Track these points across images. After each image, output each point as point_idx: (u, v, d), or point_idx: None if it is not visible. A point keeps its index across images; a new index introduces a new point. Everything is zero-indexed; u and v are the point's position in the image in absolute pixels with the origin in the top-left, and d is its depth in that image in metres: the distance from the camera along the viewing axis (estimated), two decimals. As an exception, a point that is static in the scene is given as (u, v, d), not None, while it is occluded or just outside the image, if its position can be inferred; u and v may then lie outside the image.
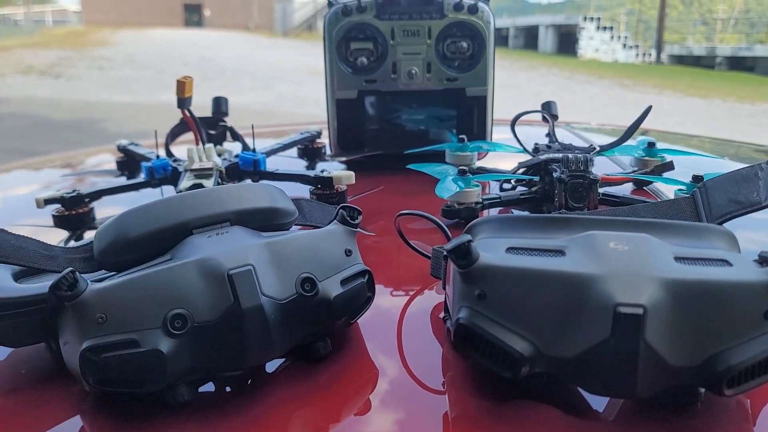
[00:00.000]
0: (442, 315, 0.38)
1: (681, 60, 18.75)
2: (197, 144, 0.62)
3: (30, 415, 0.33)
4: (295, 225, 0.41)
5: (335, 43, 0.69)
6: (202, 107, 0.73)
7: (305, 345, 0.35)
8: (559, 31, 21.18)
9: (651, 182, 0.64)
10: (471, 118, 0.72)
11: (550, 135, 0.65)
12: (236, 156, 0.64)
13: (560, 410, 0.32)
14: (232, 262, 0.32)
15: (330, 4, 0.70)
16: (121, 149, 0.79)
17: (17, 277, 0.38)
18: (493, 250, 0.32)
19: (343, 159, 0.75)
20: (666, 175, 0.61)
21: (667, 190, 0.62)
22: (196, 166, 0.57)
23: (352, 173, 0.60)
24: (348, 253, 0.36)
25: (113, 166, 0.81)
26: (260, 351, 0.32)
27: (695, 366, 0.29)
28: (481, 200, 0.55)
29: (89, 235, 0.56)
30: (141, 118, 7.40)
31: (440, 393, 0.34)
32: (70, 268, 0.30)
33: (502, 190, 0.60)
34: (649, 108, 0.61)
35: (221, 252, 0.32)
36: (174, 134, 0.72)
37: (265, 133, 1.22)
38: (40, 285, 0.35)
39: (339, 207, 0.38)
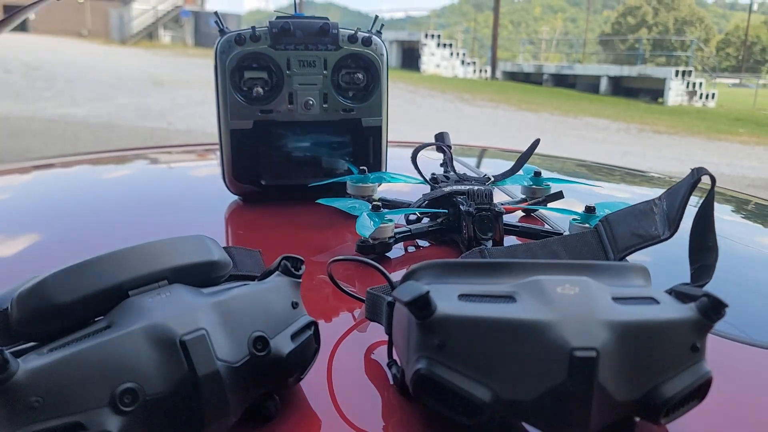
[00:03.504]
0: (387, 362, 0.38)
1: (513, 76, 20.28)
2: None
3: None
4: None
5: (228, 72, 0.67)
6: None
7: (254, 405, 0.34)
8: (402, 47, 22.01)
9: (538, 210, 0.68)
10: (367, 148, 0.73)
11: (446, 165, 0.67)
12: None
13: None
14: (184, 326, 0.30)
15: (221, 32, 0.67)
16: None
17: None
18: (444, 297, 0.33)
19: (238, 191, 0.72)
20: (558, 204, 0.66)
21: (553, 217, 0.67)
22: None
23: None
24: (294, 305, 0.35)
25: None
26: (217, 419, 0.30)
27: (636, 399, 0.32)
28: (394, 234, 0.56)
29: None
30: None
31: None
32: None
33: (408, 222, 0.61)
34: (537, 141, 0.66)
35: (170, 316, 0.30)
36: None
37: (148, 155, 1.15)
38: None
39: (281, 258, 0.36)
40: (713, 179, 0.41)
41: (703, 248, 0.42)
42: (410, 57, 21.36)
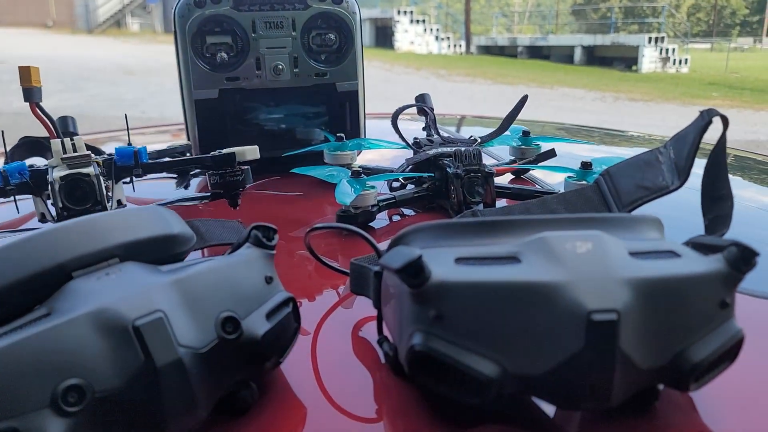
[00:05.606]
0: (377, 339, 0.34)
1: (488, 50, 20.17)
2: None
3: None
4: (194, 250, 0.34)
5: (189, 37, 0.61)
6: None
7: (228, 396, 0.30)
8: (375, 25, 21.77)
9: (530, 170, 0.64)
10: (343, 114, 0.68)
11: (429, 128, 0.63)
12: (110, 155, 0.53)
13: (517, 428, 0.30)
14: (136, 310, 0.25)
15: (179, -6, 0.62)
16: None
17: None
18: (439, 262, 0.29)
19: None
20: (550, 162, 0.62)
21: (545, 177, 0.63)
22: (68, 156, 0.47)
23: (257, 147, 0.52)
24: (268, 280, 0.31)
25: None
26: (183, 415, 0.26)
27: (661, 366, 0.28)
28: (377, 202, 0.51)
29: None
30: None
31: (378, 421, 0.31)
32: None
33: (391, 189, 0.57)
34: (525, 97, 0.62)
35: (119, 298, 0.26)
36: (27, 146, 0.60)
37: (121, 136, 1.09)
38: None
39: (250, 227, 0.32)
40: (726, 121, 0.37)
41: (717, 197, 0.38)
42: (384, 35, 21.13)
